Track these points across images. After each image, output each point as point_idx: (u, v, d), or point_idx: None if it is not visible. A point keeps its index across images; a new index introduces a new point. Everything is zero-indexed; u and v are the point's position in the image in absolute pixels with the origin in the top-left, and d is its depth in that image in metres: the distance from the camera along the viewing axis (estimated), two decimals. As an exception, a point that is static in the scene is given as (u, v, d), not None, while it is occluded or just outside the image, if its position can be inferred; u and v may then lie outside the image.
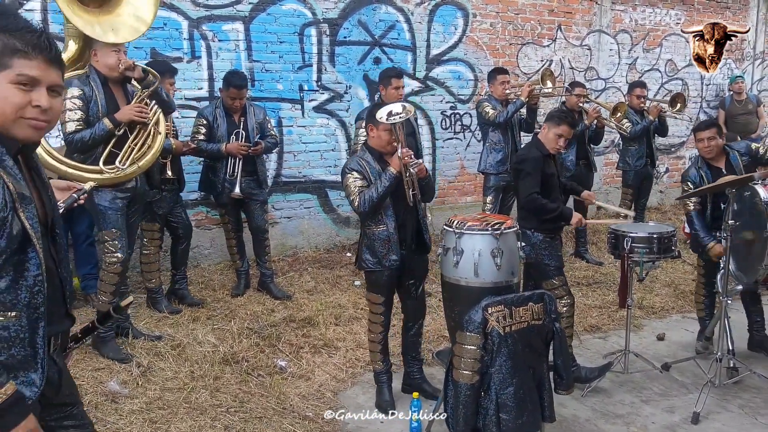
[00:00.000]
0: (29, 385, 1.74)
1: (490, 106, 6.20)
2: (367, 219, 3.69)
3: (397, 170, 3.55)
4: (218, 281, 5.92)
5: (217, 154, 5.29)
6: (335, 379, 4.21)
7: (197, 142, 5.27)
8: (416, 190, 3.65)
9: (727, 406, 4.00)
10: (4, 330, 1.68)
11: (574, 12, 8.63)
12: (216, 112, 5.35)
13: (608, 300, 5.77)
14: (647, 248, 4.16)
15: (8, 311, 1.68)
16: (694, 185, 4.49)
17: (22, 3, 5.27)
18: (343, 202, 7.13)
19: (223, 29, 6.24)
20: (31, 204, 1.72)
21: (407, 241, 3.73)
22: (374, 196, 3.54)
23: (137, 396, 3.81)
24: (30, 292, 1.72)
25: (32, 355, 1.73)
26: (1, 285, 1.67)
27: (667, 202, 9.79)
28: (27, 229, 1.69)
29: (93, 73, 4.08)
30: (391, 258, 3.64)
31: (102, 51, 4.05)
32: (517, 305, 3.12)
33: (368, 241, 3.70)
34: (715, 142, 4.44)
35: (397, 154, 3.56)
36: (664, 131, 7.35)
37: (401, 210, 3.68)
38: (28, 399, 1.72)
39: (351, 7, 6.90)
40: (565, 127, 4.10)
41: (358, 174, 3.62)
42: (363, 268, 3.78)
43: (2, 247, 1.65)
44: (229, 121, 5.35)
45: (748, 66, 10.72)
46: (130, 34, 4.02)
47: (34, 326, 1.73)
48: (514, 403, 3.04)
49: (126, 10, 3.98)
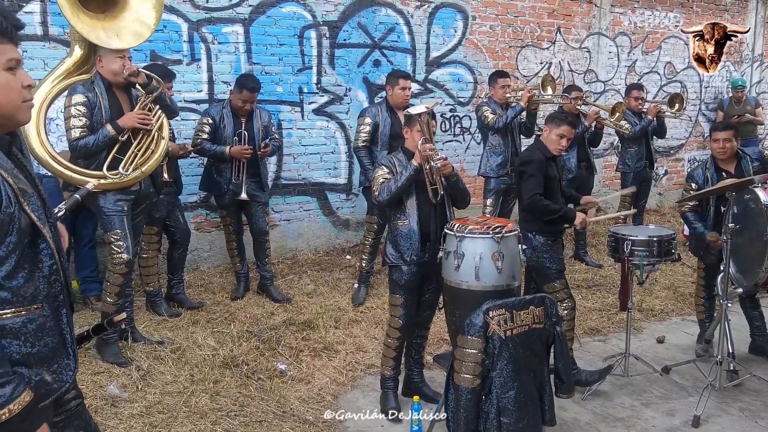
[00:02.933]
0: (65, 369, 1.80)
1: (489, 111, 6.20)
2: (392, 212, 3.73)
3: (417, 162, 3.59)
4: (218, 284, 5.91)
5: (220, 156, 5.28)
6: (335, 383, 4.21)
7: (200, 141, 5.27)
8: (438, 186, 3.65)
9: (727, 409, 4.00)
10: (31, 323, 1.72)
11: (573, 15, 8.64)
12: (223, 112, 5.34)
13: (608, 303, 5.77)
14: (647, 251, 4.17)
15: (31, 304, 1.72)
16: (698, 185, 4.52)
17: (22, 5, 5.26)
18: (343, 204, 7.13)
19: (222, 32, 6.24)
20: (33, 197, 1.75)
21: (431, 241, 3.67)
22: (392, 187, 3.60)
23: (137, 400, 3.81)
24: (47, 282, 1.76)
25: (62, 342, 1.79)
26: (20, 280, 1.70)
27: (666, 204, 9.80)
28: (35, 222, 1.72)
29: (98, 79, 4.10)
30: (412, 254, 3.65)
31: (106, 57, 4.08)
32: (519, 309, 3.12)
33: (392, 236, 3.73)
34: (730, 144, 4.48)
35: (419, 146, 3.59)
36: (663, 133, 7.36)
37: (426, 208, 3.68)
38: (66, 383, 1.79)
39: (351, 9, 6.89)
40: (566, 127, 4.10)
41: (386, 168, 3.70)
42: (385, 262, 3.80)
43: (14, 243, 1.68)
44: (236, 123, 5.34)
45: (747, 68, 10.74)
46: (134, 40, 4.02)
47: (58, 314, 1.78)
48: (515, 406, 3.04)
49: (130, 15, 3.97)
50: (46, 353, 1.75)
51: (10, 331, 1.69)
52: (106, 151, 4.08)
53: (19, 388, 1.65)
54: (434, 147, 3.62)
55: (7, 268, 1.67)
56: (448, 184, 3.73)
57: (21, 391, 1.65)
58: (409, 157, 3.71)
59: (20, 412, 1.64)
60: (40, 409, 1.71)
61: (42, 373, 1.74)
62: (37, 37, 5.36)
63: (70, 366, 1.81)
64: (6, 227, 1.66)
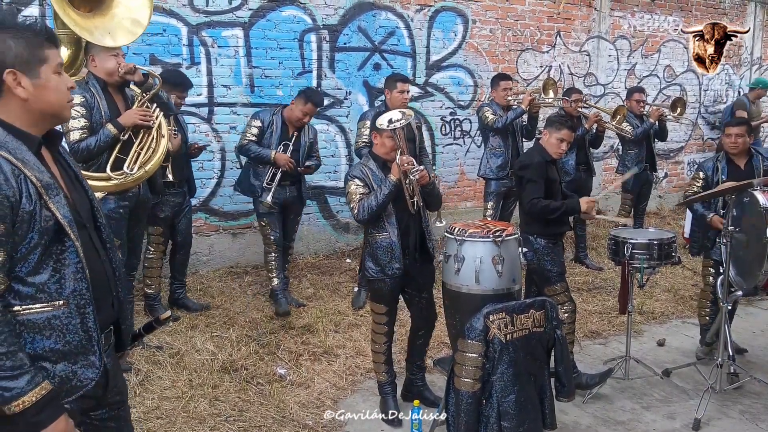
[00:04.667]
0: (90, 366, 1.83)
1: (490, 111, 6.21)
2: (369, 227, 3.69)
3: (396, 178, 3.55)
4: (217, 288, 5.89)
5: (264, 159, 5.22)
6: (335, 387, 4.19)
7: (247, 142, 5.23)
8: (418, 197, 3.64)
9: (727, 412, 3.99)
10: (55, 319, 1.76)
11: (573, 18, 8.65)
12: (273, 118, 5.29)
13: (608, 305, 5.75)
14: (647, 254, 4.16)
15: (55, 300, 1.76)
16: (706, 176, 4.57)
17: (20, 9, 5.26)
18: (343, 208, 7.12)
19: (222, 35, 6.24)
20: (59, 194, 1.79)
21: (410, 249, 3.70)
22: (373, 205, 3.54)
23: (135, 405, 3.78)
24: (73, 279, 1.79)
25: (87, 339, 1.82)
26: (44, 276, 1.74)
27: (666, 207, 9.80)
28: (59, 219, 1.76)
29: (92, 79, 4.01)
30: (393, 266, 3.62)
31: (100, 56, 3.98)
32: (519, 312, 3.11)
33: (371, 249, 3.68)
34: (742, 140, 4.51)
35: (396, 161, 3.55)
36: (664, 136, 7.36)
37: (404, 218, 3.66)
38: (91, 381, 1.83)
39: (351, 13, 6.90)
40: (566, 131, 4.10)
41: (360, 181, 3.62)
42: (366, 276, 3.77)
43: (36, 241, 1.72)
44: (284, 131, 5.30)
45: (746, 72, 10.75)
46: (126, 38, 3.96)
47: (83, 312, 1.81)
48: (516, 410, 3.03)
49: (120, 12, 3.90)
50: (70, 350, 1.79)
51: (34, 326, 1.74)
52: (108, 151, 3.99)
53: (35, 379, 1.68)
54: (411, 159, 3.57)
55: (30, 264, 1.72)
56: (425, 192, 3.69)
57: (37, 383, 1.68)
58: (379, 164, 3.67)
59: (35, 404, 1.67)
60: (57, 403, 1.73)
61: (66, 370, 1.79)
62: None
63: (95, 364, 1.84)
64: (27, 225, 1.70)
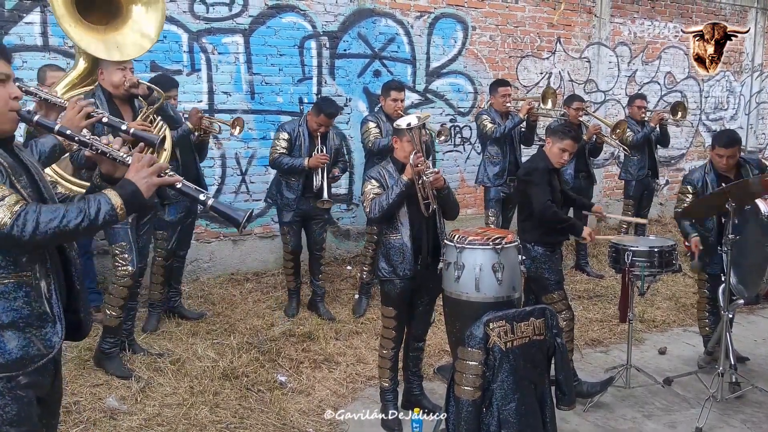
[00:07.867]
0: (53, 335, 1.99)
1: (488, 120, 6.22)
2: (383, 227, 3.72)
3: (408, 177, 3.56)
4: (217, 295, 5.88)
5: (298, 169, 5.24)
6: (336, 395, 4.18)
7: (278, 155, 5.25)
8: (433, 201, 3.62)
9: (729, 421, 3.98)
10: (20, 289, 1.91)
11: (573, 25, 8.66)
12: (299, 129, 5.32)
13: (609, 313, 5.74)
14: (648, 262, 4.15)
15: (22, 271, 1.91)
16: (696, 190, 4.44)
17: (22, 15, 5.28)
18: (343, 215, 7.12)
19: (222, 42, 6.26)
20: (23, 176, 1.95)
21: (423, 254, 3.68)
22: (384, 202, 3.57)
23: (136, 412, 3.78)
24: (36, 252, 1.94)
25: (50, 308, 1.99)
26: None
27: (667, 214, 9.78)
28: (25, 198, 1.88)
29: (98, 91, 4.10)
30: (405, 268, 3.63)
31: (107, 69, 4.07)
32: (519, 320, 3.11)
33: (385, 250, 3.71)
34: (733, 161, 4.36)
35: (410, 161, 3.55)
36: (666, 141, 7.36)
37: (417, 221, 3.66)
38: (52, 348, 2.00)
39: (351, 20, 6.91)
40: (569, 141, 4.09)
41: (375, 182, 3.67)
42: (378, 276, 3.79)
43: None
44: (311, 140, 5.32)
45: (747, 78, 10.76)
46: (135, 52, 4.02)
47: (48, 282, 1.98)
48: (516, 419, 3.02)
49: (132, 27, 3.96)
50: (35, 317, 1.94)
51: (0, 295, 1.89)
52: None
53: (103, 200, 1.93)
54: (425, 160, 3.59)
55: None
56: (440, 197, 3.69)
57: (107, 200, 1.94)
58: (398, 167, 3.69)
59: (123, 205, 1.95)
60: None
61: (32, 337, 1.93)
62: (36, 48, 5.39)
63: (58, 333, 2.01)
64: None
